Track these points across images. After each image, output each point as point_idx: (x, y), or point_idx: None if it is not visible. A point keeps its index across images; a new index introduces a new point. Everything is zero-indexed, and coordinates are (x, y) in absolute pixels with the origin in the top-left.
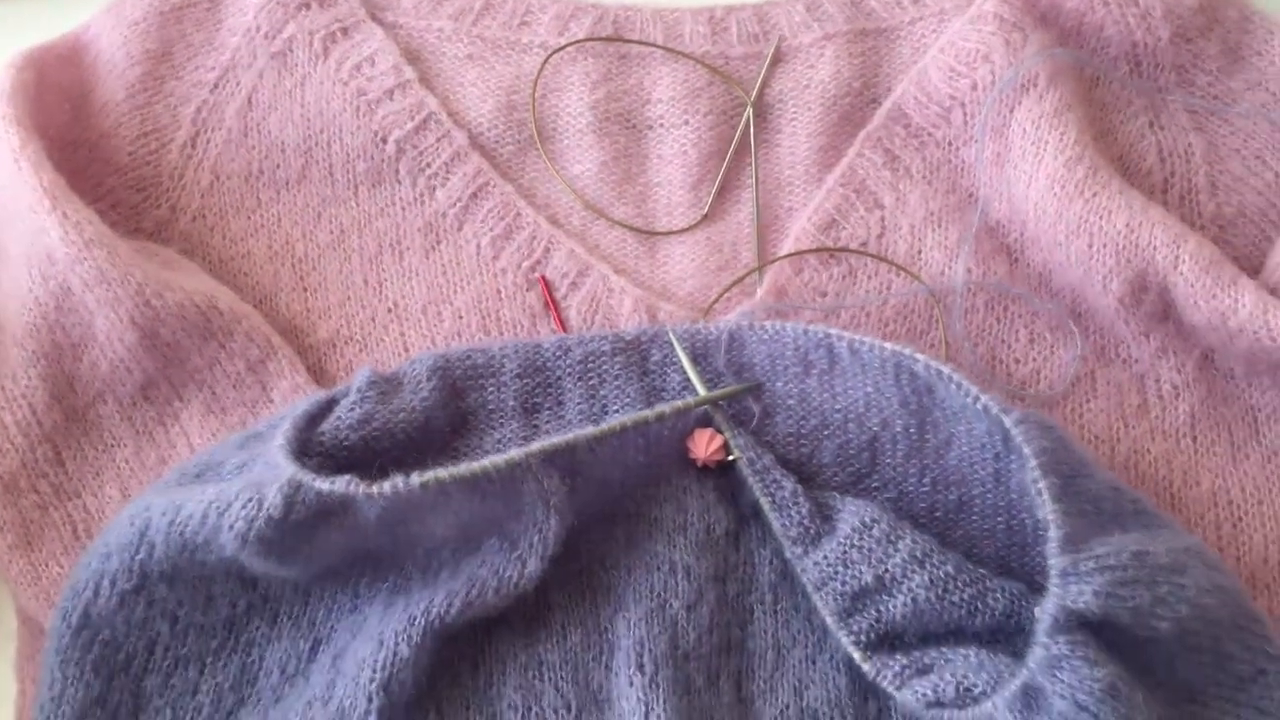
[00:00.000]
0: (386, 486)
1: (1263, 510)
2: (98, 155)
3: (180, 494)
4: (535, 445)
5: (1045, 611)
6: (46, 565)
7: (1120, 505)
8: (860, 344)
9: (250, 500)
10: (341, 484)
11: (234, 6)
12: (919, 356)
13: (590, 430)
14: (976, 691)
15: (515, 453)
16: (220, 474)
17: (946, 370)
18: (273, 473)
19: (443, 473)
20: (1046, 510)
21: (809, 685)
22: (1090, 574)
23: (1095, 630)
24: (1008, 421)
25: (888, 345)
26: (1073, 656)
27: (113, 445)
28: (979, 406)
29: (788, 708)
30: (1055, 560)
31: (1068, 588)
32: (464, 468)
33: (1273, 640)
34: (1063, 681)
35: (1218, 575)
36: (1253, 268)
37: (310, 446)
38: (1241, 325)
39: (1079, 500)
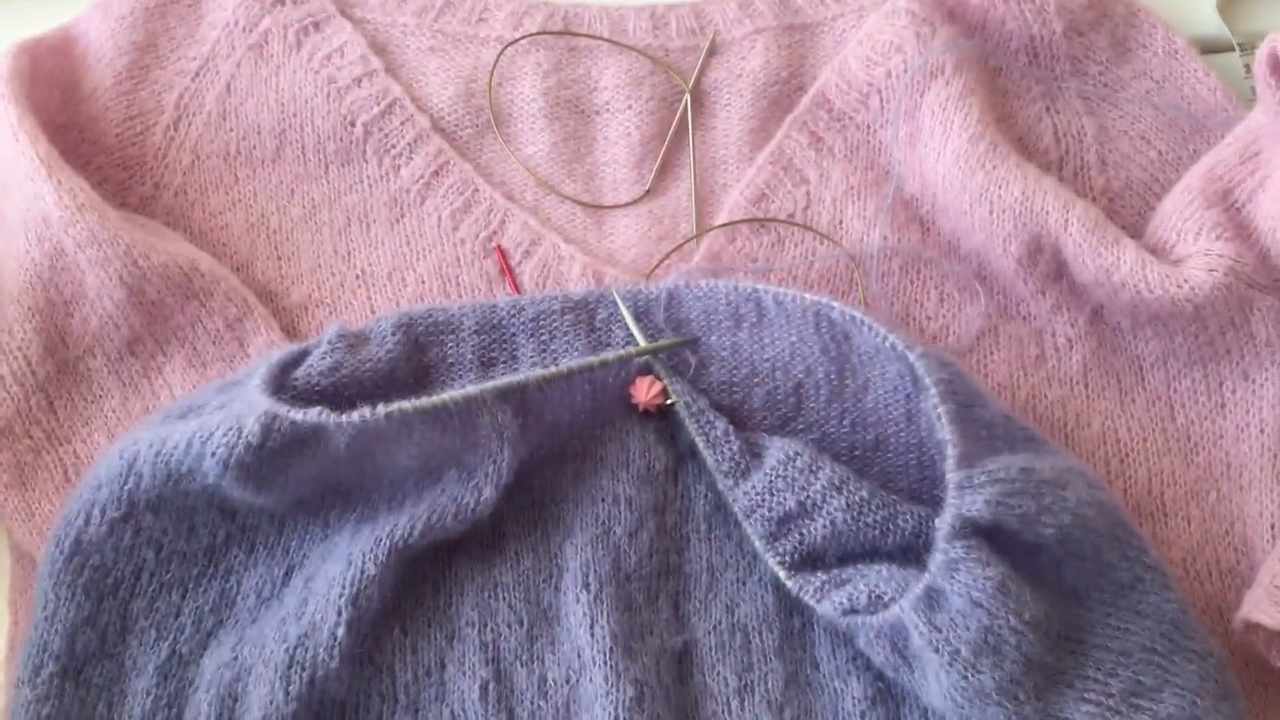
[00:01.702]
0: (355, 416)
1: (1147, 448)
2: (87, 137)
3: (166, 428)
4: (491, 383)
5: (944, 520)
6: (39, 504)
7: (1011, 432)
8: (784, 296)
9: (231, 429)
10: (314, 414)
11: (214, 3)
12: (835, 304)
13: (541, 371)
14: (887, 598)
15: (472, 389)
16: (202, 415)
17: (859, 315)
18: (251, 407)
19: (406, 405)
20: (944, 431)
21: (740, 603)
22: (982, 486)
23: (988, 536)
24: (911, 356)
25: (808, 296)
26: (967, 559)
27: (101, 396)
28: (888, 345)
29: (720, 623)
30: (952, 475)
31: (963, 498)
32: (425, 401)
33: (1149, 552)
34: (959, 581)
35: (1098, 492)
36: (1139, 235)
37: (284, 390)
38: (1124, 280)
39: (974, 425)
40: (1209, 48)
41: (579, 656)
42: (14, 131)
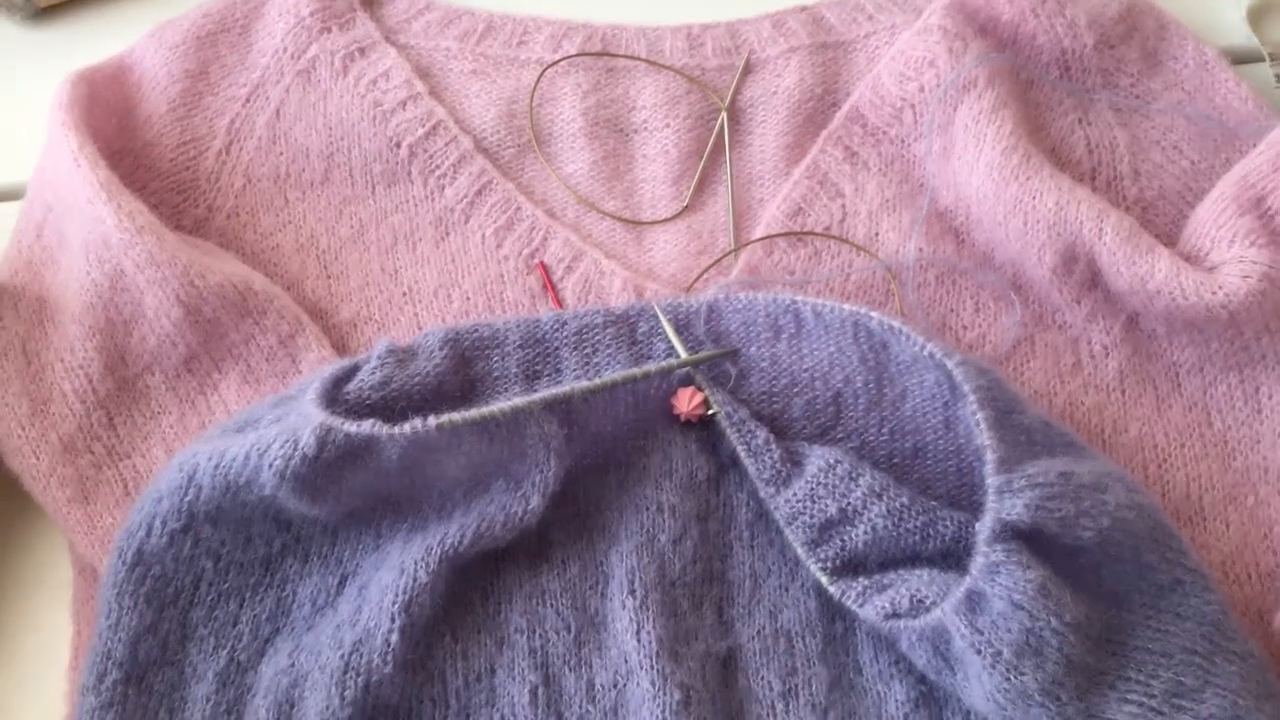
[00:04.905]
0: (407, 427)
1: (1184, 453)
2: (142, 162)
3: (224, 442)
4: (537, 395)
5: (984, 524)
6: (100, 517)
7: (1050, 437)
8: (822, 307)
9: (288, 441)
10: (367, 426)
11: (263, 31)
12: (874, 314)
13: (586, 383)
14: (928, 602)
15: (520, 400)
16: (258, 428)
17: (898, 324)
18: (306, 420)
19: (456, 416)
20: (983, 437)
21: (782, 609)
22: (1022, 490)
23: (1028, 539)
24: (950, 363)
25: (846, 306)
26: (1008, 562)
27: (159, 412)
28: (926, 354)
29: (763, 629)
30: (991, 479)
31: (1003, 502)
32: (474, 412)
33: (1189, 555)
34: (1000, 584)
35: (1137, 495)
36: (1172, 244)
37: (336, 404)
38: (1159, 287)
39: (1013, 431)
40: (1239, 58)
41: (626, 661)
42: (74, 158)
